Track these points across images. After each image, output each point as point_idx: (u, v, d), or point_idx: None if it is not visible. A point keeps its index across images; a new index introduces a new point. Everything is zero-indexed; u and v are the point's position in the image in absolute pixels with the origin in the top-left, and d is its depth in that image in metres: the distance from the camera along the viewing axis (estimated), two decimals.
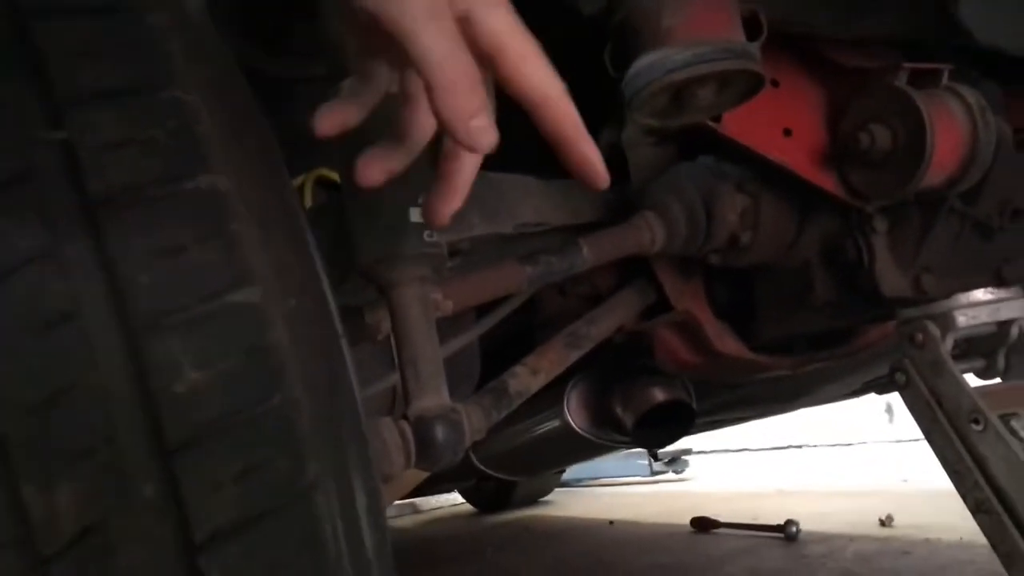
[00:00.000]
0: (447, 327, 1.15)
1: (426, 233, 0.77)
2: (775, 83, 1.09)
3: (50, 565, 0.37)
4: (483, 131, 0.51)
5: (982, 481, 1.08)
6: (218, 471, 0.40)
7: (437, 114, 0.51)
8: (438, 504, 4.98)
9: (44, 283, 0.38)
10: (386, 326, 0.90)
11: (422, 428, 0.74)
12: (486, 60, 0.53)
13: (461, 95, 0.50)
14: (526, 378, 1.05)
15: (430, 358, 0.77)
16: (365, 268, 0.77)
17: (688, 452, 4.86)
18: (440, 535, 3.85)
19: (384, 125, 0.65)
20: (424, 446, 0.74)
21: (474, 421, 0.83)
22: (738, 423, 2.35)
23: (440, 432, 0.74)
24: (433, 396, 0.76)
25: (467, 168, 0.65)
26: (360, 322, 0.92)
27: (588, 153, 0.58)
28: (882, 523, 2.64)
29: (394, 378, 0.96)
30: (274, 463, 0.41)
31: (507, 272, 1.01)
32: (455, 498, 4.83)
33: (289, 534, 0.42)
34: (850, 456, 4.95)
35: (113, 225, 0.40)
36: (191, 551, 0.39)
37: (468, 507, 4.59)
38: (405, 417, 0.76)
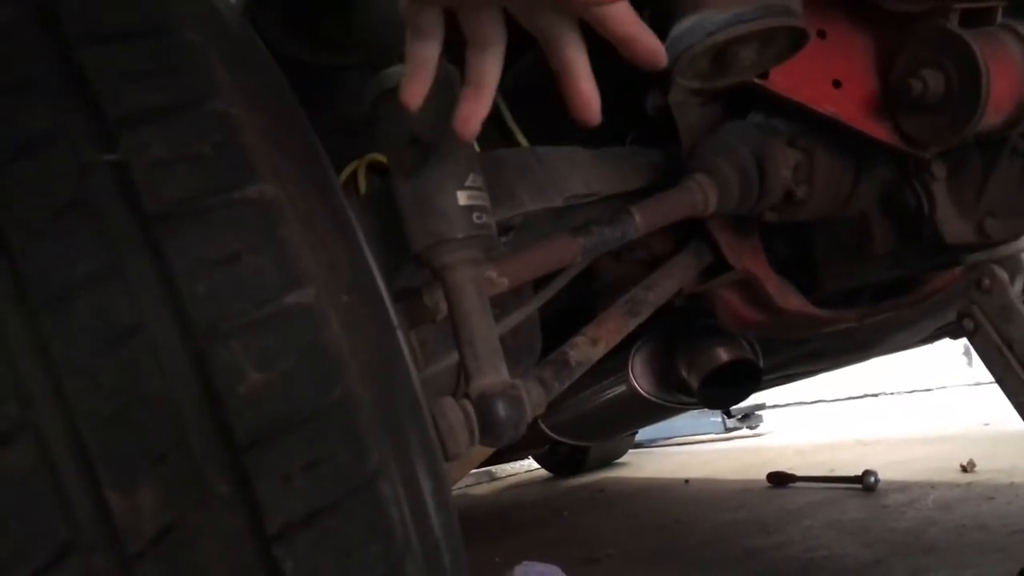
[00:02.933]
0: (506, 302, 1.17)
1: (475, 215, 0.78)
2: (822, 34, 1.07)
3: (135, 562, 0.39)
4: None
5: None
6: (286, 465, 0.42)
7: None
8: (513, 471, 5.05)
9: (109, 300, 0.40)
10: (445, 306, 0.92)
11: (483, 406, 0.76)
12: None
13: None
14: (586, 348, 1.05)
15: (487, 337, 0.79)
16: (418, 253, 0.79)
17: (762, 407, 4.83)
18: (517, 501, 3.90)
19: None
20: (487, 423, 0.75)
21: (534, 396, 0.84)
22: (809, 376, 2.33)
23: (501, 409, 0.76)
24: (492, 374, 0.78)
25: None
26: (419, 304, 0.94)
27: (650, 41, 0.63)
28: (964, 469, 2.59)
29: (456, 355, 0.98)
30: (338, 455, 0.44)
31: (560, 245, 1.01)
32: (530, 464, 4.89)
33: (357, 521, 0.44)
34: (929, 402, 4.86)
35: (169, 240, 0.42)
36: (265, 542, 0.42)
37: (543, 472, 4.64)
38: (467, 396, 0.78)
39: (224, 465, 0.41)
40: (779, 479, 2.93)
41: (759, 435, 4.78)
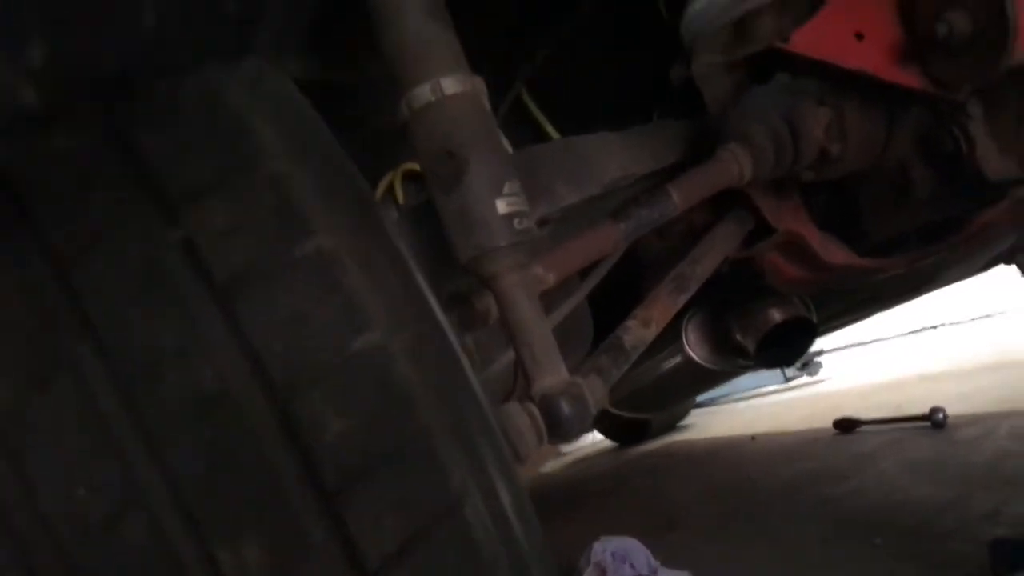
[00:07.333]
0: (554, 293, 1.19)
1: (515, 221, 0.79)
2: None
3: None
4: None
5: None
6: (375, 504, 0.44)
7: None
8: (579, 445, 5.06)
9: (194, 369, 0.43)
10: (496, 310, 0.94)
11: (547, 406, 0.77)
12: None
13: None
14: (639, 331, 1.07)
15: (542, 337, 0.80)
16: (465, 265, 0.80)
17: (820, 353, 4.78)
18: (586, 474, 3.92)
19: None
20: (553, 423, 0.77)
21: (595, 389, 0.86)
22: (865, 319, 2.31)
23: (565, 407, 0.77)
24: (552, 373, 0.79)
25: None
26: (472, 309, 0.96)
27: None
28: None
29: (511, 352, 0.99)
30: (422, 486, 0.46)
31: (602, 233, 1.03)
32: (595, 437, 4.90)
33: (448, 546, 0.46)
34: (992, 328, 4.76)
35: (241, 305, 0.44)
36: None
37: (609, 443, 4.65)
38: (530, 398, 0.79)
39: (319, 512, 0.44)
40: (846, 425, 2.90)
41: (820, 381, 4.73)
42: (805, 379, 4.74)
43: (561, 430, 0.77)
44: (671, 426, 4.37)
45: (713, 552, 1.91)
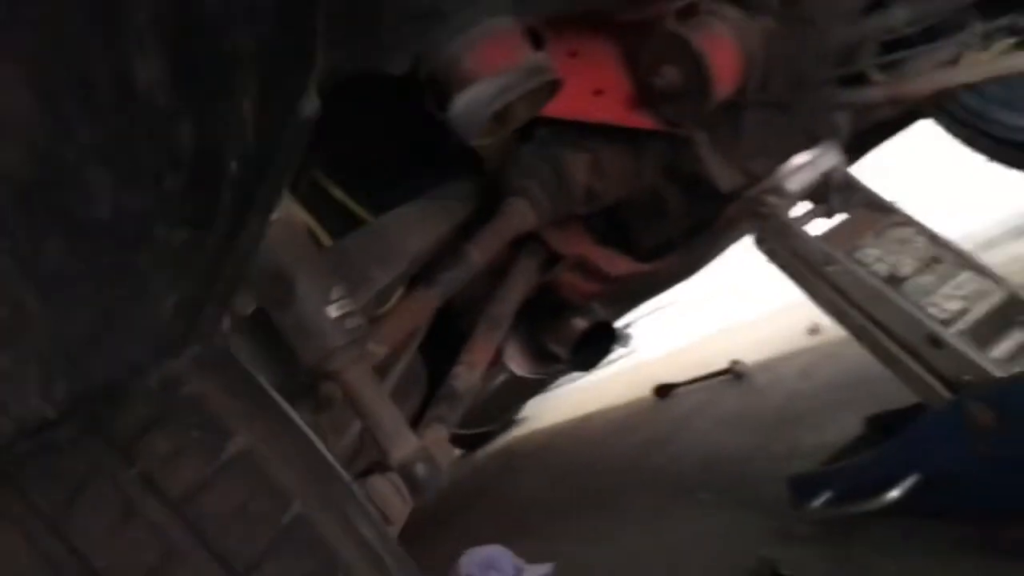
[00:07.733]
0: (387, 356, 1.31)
1: (347, 321, 0.92)
2: (573, 54, 1.24)
3: None
4: None
5: (852, 310, 1.30)
6: None
7: None
8: None
9: None
10: (339, 393, 1.05)
11: (406, 474, 0.91)
12: None
13: None
14: (468, 374, 1.21)
15: (389, 416, 0.93)
16: (309, 369, 0.92)
17: (629, 324, 5.09)
18: (442, 487, 4.01)
19: None
20: (414, 487, 0.91)
21: (441, 444, 1.00)
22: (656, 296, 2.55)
23: (421, 470, 0.91)
24: (404, 444, 0.93)
25: None
26: (319, 396, 1.07)
27: None
28: (811, 333, 2.84)
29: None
30: None
31: (420, 302, 1.17)
32: None
33: None
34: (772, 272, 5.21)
35: (195, 514, 0.56)
36: None
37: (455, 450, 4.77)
38: (389, 468, 0.92)
39: None
40: (663, 391, 3.15)
41: (634, 352, 5.04)
42: (621, 352, 5.03)
43: (421, 491, 0.91)
44: (510, 422, 4.54)
45: (569, 541, 2.08)
